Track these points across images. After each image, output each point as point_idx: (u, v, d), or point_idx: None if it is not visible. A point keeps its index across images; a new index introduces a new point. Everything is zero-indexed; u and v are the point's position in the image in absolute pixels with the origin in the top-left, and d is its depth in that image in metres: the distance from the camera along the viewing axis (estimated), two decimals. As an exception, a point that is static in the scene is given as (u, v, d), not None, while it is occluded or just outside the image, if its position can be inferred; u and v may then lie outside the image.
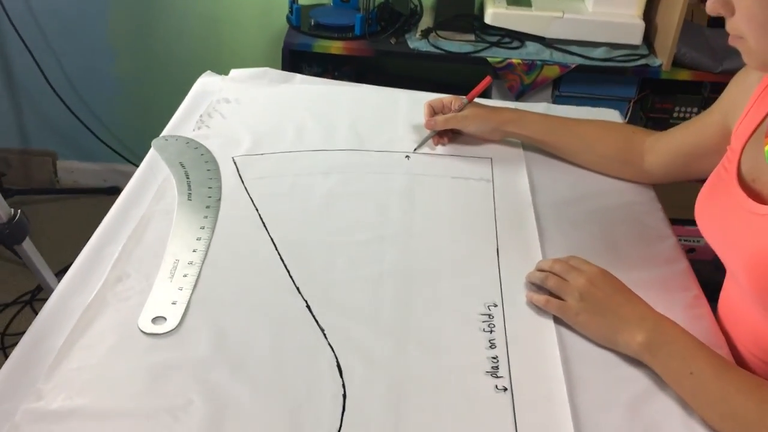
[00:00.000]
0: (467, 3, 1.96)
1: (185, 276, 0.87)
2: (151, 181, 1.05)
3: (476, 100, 1.20)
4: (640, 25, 1.85)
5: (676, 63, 1.83)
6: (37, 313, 0.81)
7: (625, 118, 1.88)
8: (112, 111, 2.27)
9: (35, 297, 1.96)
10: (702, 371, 0.74)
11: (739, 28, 0.72)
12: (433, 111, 1.19)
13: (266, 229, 0.97)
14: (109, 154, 2.28)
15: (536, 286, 0.90)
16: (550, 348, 0.81)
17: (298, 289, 0.88)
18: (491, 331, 0.84)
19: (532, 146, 1.19)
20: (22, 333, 0.79)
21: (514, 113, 1.18)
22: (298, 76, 1.38)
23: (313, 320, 0.83)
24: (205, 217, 0.98)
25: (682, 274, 0.95)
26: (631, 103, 1.92)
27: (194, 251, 0.92)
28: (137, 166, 1.09)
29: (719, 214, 0.84)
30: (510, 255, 0.96)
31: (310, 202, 1.04)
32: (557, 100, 1.92)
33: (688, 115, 1.95)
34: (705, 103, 1.93)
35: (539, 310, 0.86)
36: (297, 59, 1.91)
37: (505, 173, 1.13)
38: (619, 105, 1.92)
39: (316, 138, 1.19)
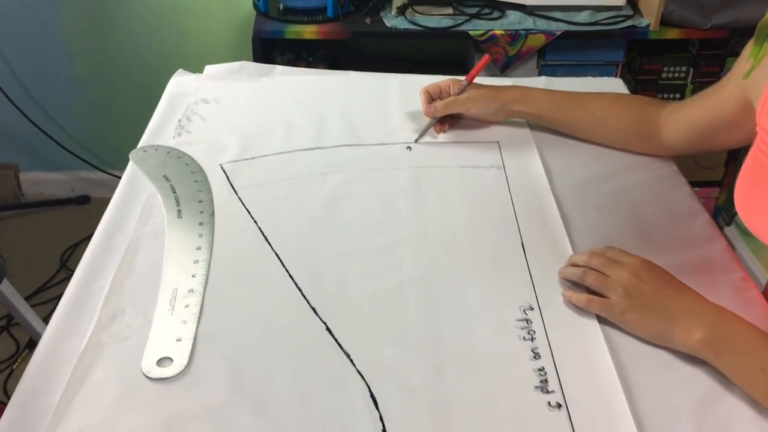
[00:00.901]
0: (442, -26, 1.86)
1: (187, 306, 0.78)
2: (134, 199, 0.95)
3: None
4: (624, -16, 1.78)
5: (664, 22, 1.76)
6: (14, 339, 0.72)
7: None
8: (74, 116, 2.14)
9: (11, 322, 1.84)
10: None
11: None
12: (431, 97, 1.10)
13: (268, 242, 0.88)
14: (75, 161, 2.15)
15: (572, 283, 0.82)
16: (600, 353, 0.74)
17: (314, 309, 0.79)
18: (532, 339, 0.76)
19: (537, 125, 1.11)
20: (2, 361, 0.69)
21: (518, 90, 1.10)
22: (278, 67, 1.28)
23: (336, 345, 0.75)
24: (200, 235, 0.89)
25: (723, 253, 0.89)
26: (619, 67, 1.85)
27: (193, 276, 0.82)
28: (105, 172, 0.99)
29: (766, 201, 0.76)
30: (537, 249, 0.88)
31: (312, 208, 0.95)
32: (543, 69, 1.84)
33: (677, 74, 1.89)
34: (694, 62, 1.87)
35: (580, 309, 0.79)
36: (268, 47, 1.81)
37: (516, 157, 1.05)
38: (606, 70, 1.86)
39: (307, 135, 1.10)
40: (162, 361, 0.72)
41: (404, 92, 1.20)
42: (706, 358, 0.71)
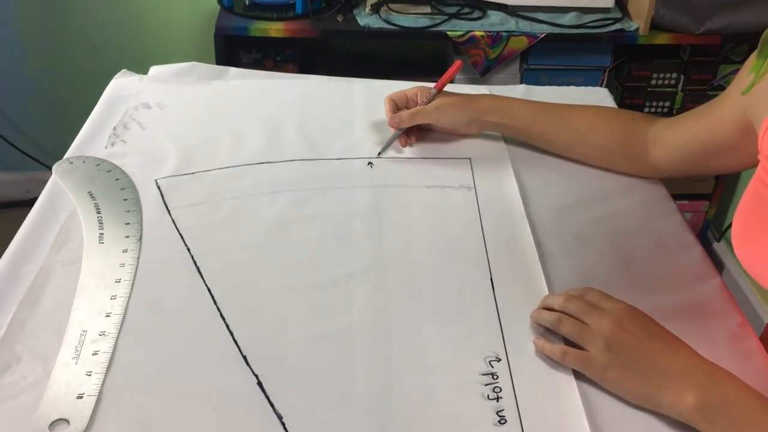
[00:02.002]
0: (420, -29, 1.75)
1: (95, 354, 0.67)
2: (51, 220, 0.83)
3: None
4: (612, -15, 1.67)
5: (654, 26, 1.66)
6: None
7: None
8: (28, 114, 2.01)
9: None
10: None
11: None
12: (396, 106, 0.99)
13: (200, 274, 0.77)
14: (29, 162, 2.02)
15: (546, 329, 0.72)
16: (576, 416, 0.63)
17: (245, 358, 0.68)
18: (498, 398, 0.65)
19: (514, 140, 1.00)
20: None
21: (493, 100, 0.99)
22: (232, 69, 1.16)
23: (267, 403, 0.64)
24: (122, 264, 0.77)
25: (717, 293, 0.78)
26: (606, 73, 1.75)
27: (107, 316, 0.71)
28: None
29: None
30: (507, 285, 0.78)
31: (255, 233, 0.83)
32: (526, 74, 1.74)
33: (666, 81, 1.79)
34: (685, 69, 1.77)
35: (554, 361, 0.68)
36: (232, 45, 1.69)
37: (489, 176, 0.95)
38: (593, 75, 1.76)
39: (258, 147, 0.98)
40: (56, 425, 0.60)
41: (371, 100, 1.09)
42: (698, 426, 0.61)
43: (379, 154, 0.97)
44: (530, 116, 0.97)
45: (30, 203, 0.86)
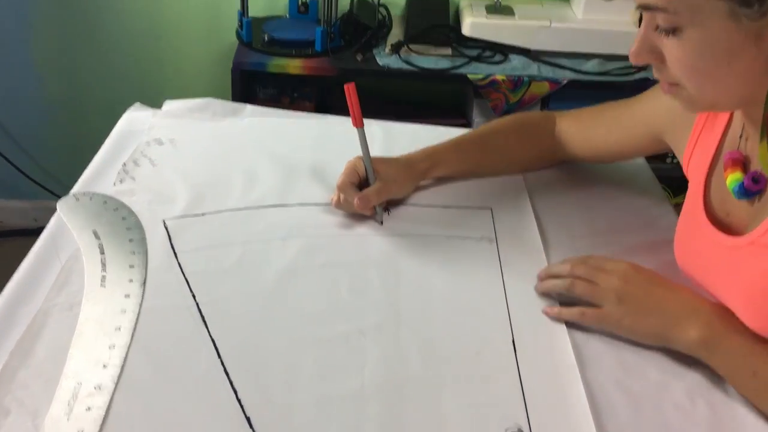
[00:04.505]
0: (442, 12, 1.73)
1: (89, 410, 0.62)
2: (52, 260, 0.79)
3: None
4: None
5: (679, 75, 1.63)
6: None
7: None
8: (41, 143, 1.99)
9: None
10: (766, 371, 0.68)
11: (674, 75, 0.66)
12: (358, 185, 0.90)
13: (205, 324, 0.73)
14: (39, 190, 2.00)
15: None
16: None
17: (248, 420, 0.63)
18: (520, 477, 0.60)
19: (532, 185, 0.99)
20: None
21: (426, 161, 0.95)
22: (248, 107, 1.13)
23: (271, 472, 0.59)
24: (123, 311, 0.73)
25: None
26: (629, 121, 1.71)
27: (104, 367, 0.67)
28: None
29: (702, 257, 0.76)
30: (530, 349, 0.73)
31: (265, 282, 0.79)
32: (546, 119, 1.70)
33: (690, 132, 1.75)
34: (709, 119, 1.73)
35: (580, 435, 0.64)
36: (249, 80, 1.67)
37: (511, 228, 0.91)
38: (615, 123, 1.72)
39: (271, 188, 0.95)
40: (41, 489, 0.56)
41: (388, 143, 1.06)
42: (700, 356, 0.71)
43: (381, 222, 0.92)
44: (460, 158, 0.98)
45: (37, 232, 0.83)
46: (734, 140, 0.74)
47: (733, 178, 0.71)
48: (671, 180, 1.29)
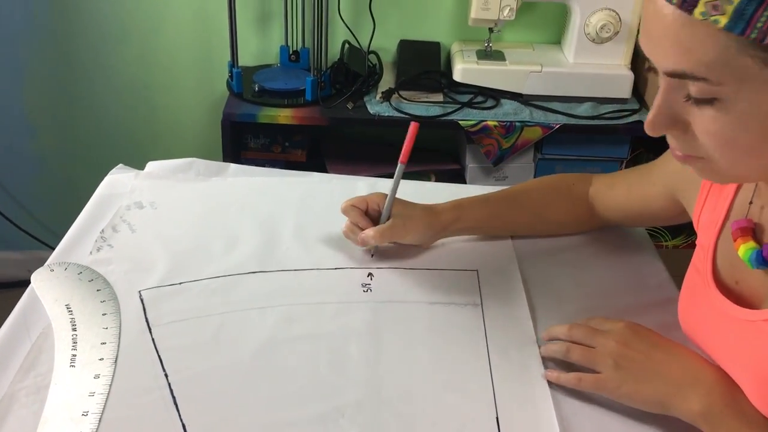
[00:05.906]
0: (432, 59, 1.73)
1: (49, 507, 0.60)
2: (22, 337, 0.77)
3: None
4: (629, 76, 1.63)
5: (673, 118, 1.61)
6: None
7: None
8: (33, 194, 1.98)
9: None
10: None
11: (700, 147, 0.58)
12: (361, 217, 0.91)
13: (177, 407, 0.70)
14: (31, 241, 1.98)
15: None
16: None
17: None
18: None
19: (520, 247, 0.96)
20: None
21: (453, 212, 0.93)
22: (232, 166, 1.12)
23: None
24: (91, 394, 0.71)
25: None
26: (624, 164, 1.70)
27: (69, 458, 0.64)
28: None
29: (708, 324, 0.72)
30: (515, 427, 0.70)
31: (240, 358, 0.77)
32: (540, 163, 1.68)
33: (686, 173, 1.73)
34: (706, 160, 1.71)
35: None
36: (240, 130, 1.66)
37: (497, 292, 0.88)
38: (610, 166, 1.70)
39: (252, 253, 0.92)
40: None
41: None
42: (701, 428, 0.67)
43: (372, 255, 0.91)
44: (488, 214, 0.96)
45: (28, 284, 0.83)
46: (743, 207, 0.70)
47: (747, 247, 0.66)
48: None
